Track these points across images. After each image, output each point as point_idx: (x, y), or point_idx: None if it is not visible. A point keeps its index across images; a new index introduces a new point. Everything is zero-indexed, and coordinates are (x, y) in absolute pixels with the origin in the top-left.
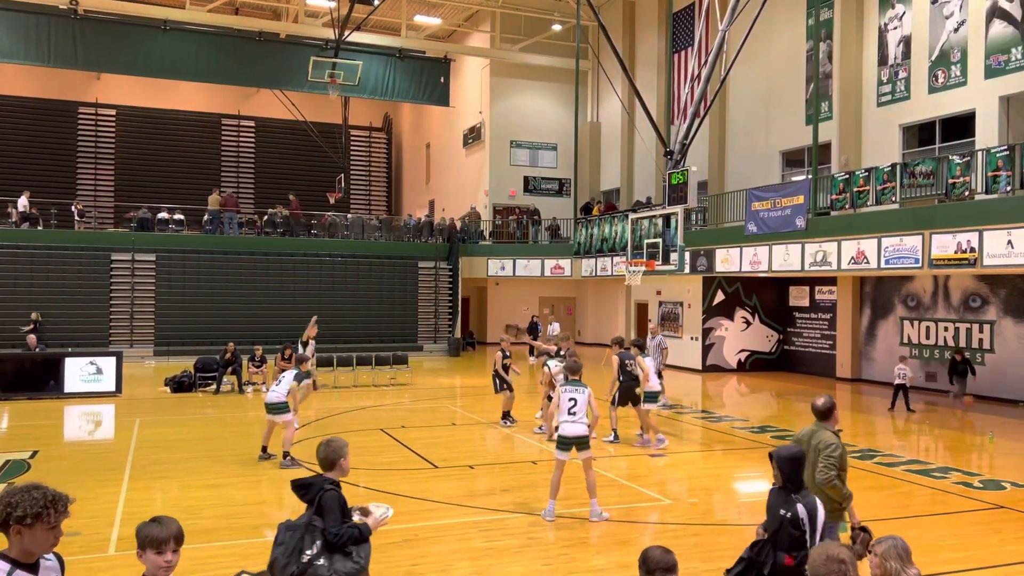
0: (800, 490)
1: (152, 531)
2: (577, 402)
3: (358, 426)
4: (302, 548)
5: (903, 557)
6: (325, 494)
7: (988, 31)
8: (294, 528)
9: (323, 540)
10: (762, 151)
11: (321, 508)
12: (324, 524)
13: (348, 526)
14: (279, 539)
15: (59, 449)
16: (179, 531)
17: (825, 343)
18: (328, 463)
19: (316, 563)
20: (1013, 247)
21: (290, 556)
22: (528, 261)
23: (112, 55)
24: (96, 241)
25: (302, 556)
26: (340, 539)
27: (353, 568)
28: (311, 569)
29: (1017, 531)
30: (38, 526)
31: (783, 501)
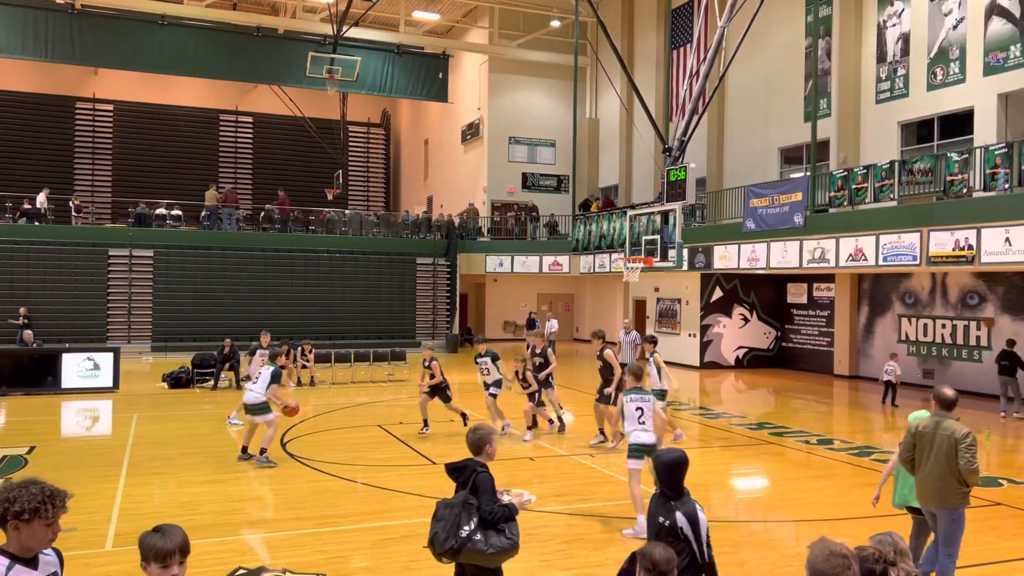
0: (680, 496)
1: (156, 543)
2: (644, 411)
3: (356, 422)
4: (460, 524)
5: (897, 553)
6: (479, 476)
7: (987, 28)
8: (451, 506)
9: (478, 517)
10: (760, 148)
11: (476, 488)
12: (479, 503)
13: (500, 505)
14: (438, 515)
15: (56, 445)
16: (184, 542)
17: (823, 340)
18: (476, 448)
19: (474, 538)
20: (1011, 244)
21: (449, 531)
22: (526, 257)
23: (109, 50)
24: (94, 237)
25: (460, 531)
26: (494, 516)
27: (507, 543)
28: (469, 543)
29: (1014, 527)
30: (35, 522)
31: (662, 508)
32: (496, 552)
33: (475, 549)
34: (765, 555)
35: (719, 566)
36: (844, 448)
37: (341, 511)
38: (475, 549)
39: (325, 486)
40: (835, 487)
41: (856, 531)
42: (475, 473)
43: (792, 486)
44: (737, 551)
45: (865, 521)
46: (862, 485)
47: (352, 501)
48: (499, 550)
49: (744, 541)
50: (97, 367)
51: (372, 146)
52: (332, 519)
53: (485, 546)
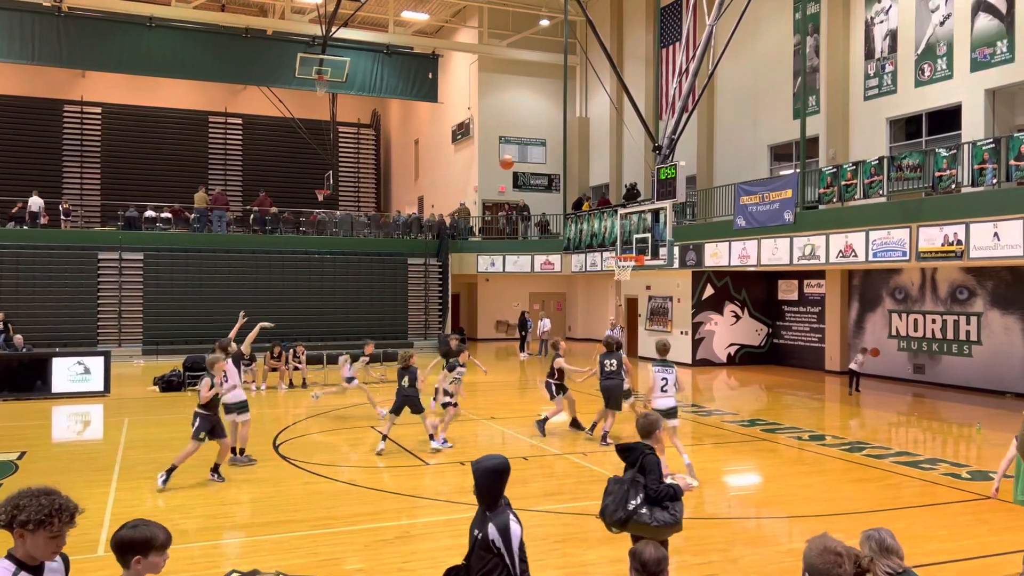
0: (496, 507)
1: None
2: (668, 380)
3: (348, 423)
4: (627, 499)
5: (878, 550)
6: (647, 457)
7: (974, 24)
8: (621, 482)
9: (644, 494)
10: (750, 145)
11: (644, 468)
12: (646, 481)
13: (666, 484)
14: (609, 490)
15: (47, 450)
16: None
17: (814, 336)
18: (646, 432)
19: (640, 511)
20: (999, 239)
21: (618, 504)
22: (518, 257)
23: (97, 52)
24: (83, 240)
25: (628, 505)
26: (660, 494)
27: (670, 519)
28: (635, 516)
29: (1004, 521)
30: (40, 532)
31: (477, 520)
32: (660, 526)
33: (640, 521)
34: (758, 551)
35: (712, 563)
36: (836, 444)
37: (334, 513)
38: (640, 521)
39: (318, 488)
40: (827, 483)
41: (848, 527)
42: (643, 455)
43: (784, 482)
44: (730, 548)
45: (857, 517)
46: (854, 480)
47: (345, 503)
48: (662, 524)
49: (737, 538)
50: (88, 371)
51: (362, 147)
52: (325, 521)
53: (650, 519)
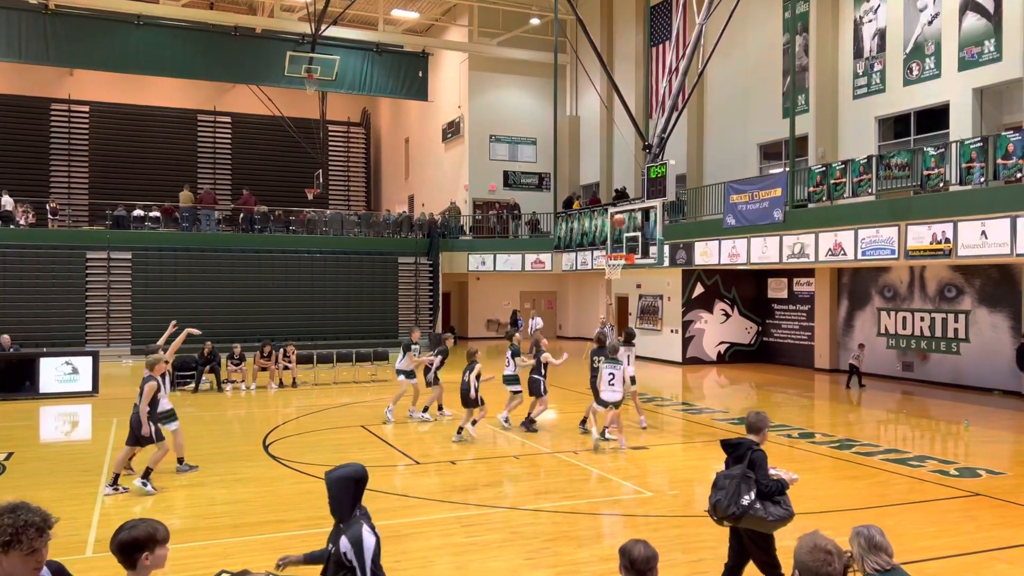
0: (349, 518)
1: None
2: (615, 376)
3: (339, 423)
4: (740, 494)
5: (866, 546)
6: (755, 453)
7: (961, 24)
8: (730, 477)
9: (756, 489)
10: (740, 144)
11: (753, 464)
12: (757, 476)
13: (775, 479)
14: (719, 484)
15: (35, 450)
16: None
17: (804, 334)
18: (755, 429)
19: (755, 507)
20: (987, 237)
21: (730, 499)
22: (508, 256)
23: (85, 51)
24: (71, 239)
25: (741, 500)
26: (770, 490)
27: (784, 513)
28: (751, 511)
29: (993, 518)
30: (13, 553)
31: (333, 532)
32: (775, 520)
33: (756, 516)
34: None
35: (702, 561)
36: (825, 442)
37: (325, 513)
38: (756, 516)
39: (309, 488)
40: (816, 481)
41: (838, 524)
42: (750, 450)
43: None
44: (719, 546)
45: (847, 514)
46: (843, 478)
47: None
48: (778, 518)
49: (726, 536)
50: (76, 371)
51: (352, 145)
52: (316, 521)
53: (765, 514)
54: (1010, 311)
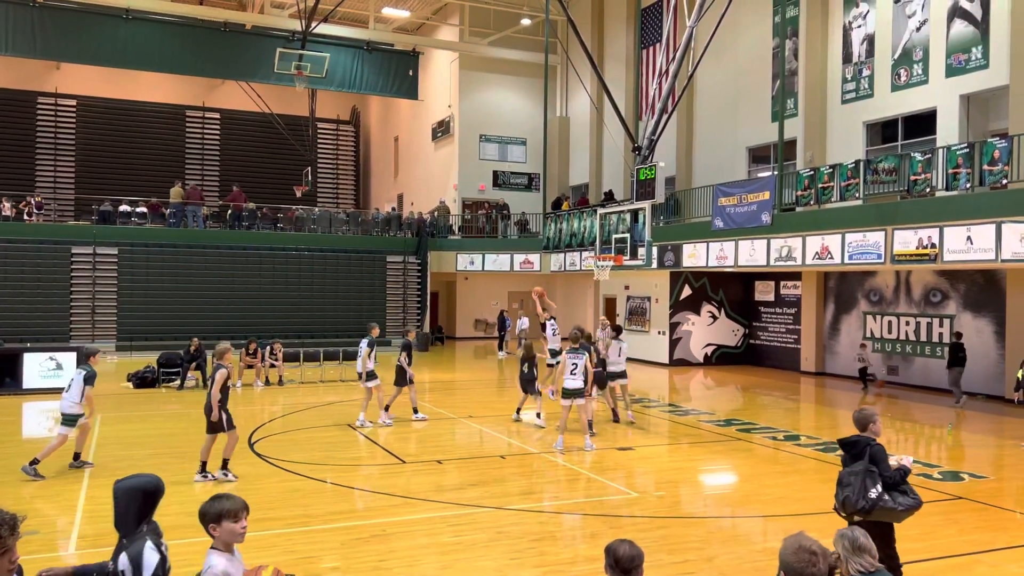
0: (131, 534)
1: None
2: (577, 365)
3: (325, 421)
4: (866, 488)
5: (850, 548)
6: (874, 448)
7: (949, 30)
8: (855, 474)
9: (882, 482)
10: (729, 147)
11: (874, 458)
12: (880, 469)
13: (896, 470)
14: (844, 482)
15: (18, 447)
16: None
17: (790, 337)
18: (863, 425)
19: (883, 499)
20: (972, 243)
21: (859, 495)
22: (497, 256)
23: (72, 44)
24: (56, 234)
25: (869, 494)
26: (895, 479)
27: (912, 502)
28: (880, 503)
29: (975, 521)
30: None
31: (116, 547)
32: (905, 509)
33: (886, 508)
34: (733, 550)
35: (688, 562)
36: (810, 444)
37: (311, 511)
38: (886, 508)
39: (294, 486)
40: (802, 482)
41: (822, 526)
42: (868, 446)
43: (759, 482)
44: (705, 547)
45: (832, 516)
46: (828, 480)
47: (322, 501)
48: (908, 507)
49: (712, 537)
50: (60, 367)
51: (341, 143)
52: (302, 519)
53: (895, 504)
54: (994, 316)
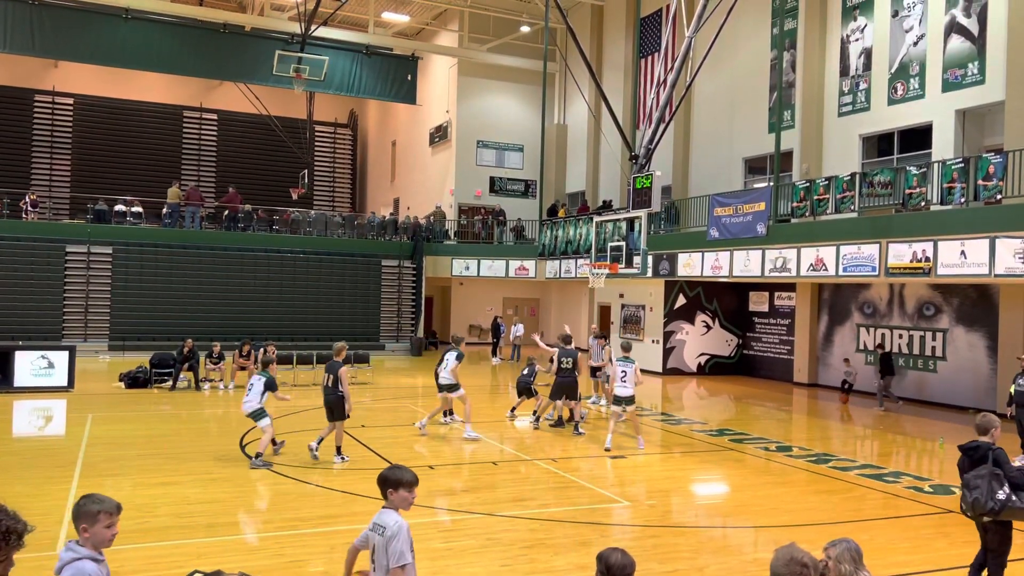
0: None
1: (403, 475)
2: (627, 372)
3: (318, 424)
4: (994, 491)
5: (856, 560)
6: (996, 452)
7: (946, 46)
8: (980, 476)
9: (1009, 483)
10: (725, 157)
11: (997, 461)
12: (1004, 471)
13: (1017, 469)
14: (971, 484)
15: (7, 445)
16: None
17: (783, 348)
18: (984, 430)
19: (1012, 499)
20: (966, 257)
21: (987, 496)
22: (493, 261)
23: (71, 43)
24: (50, 232)
25: (997, 495)
26: (1020, 481)
27: None
28: (1009, 504)
29: (965, 535)
30: None
31: None
32: None
33: (1015, 508)
34: (724, 560)
35: (678, 572)
36: (802, 455)
37: (300, 515)
38: (1015, 508)
39: (285, 489)
40: (793, 493)
41: (813, 537)
42: (991, 450)
43: (751, 492)
44: (696, 556)
45: (823, 528)
46: (819, 492)
47: (311, 505)
48: None
49: (703, 547)
50: (52, 365)
51: (338, 146)
52: (291, 523)
53: (1023, 504)
54: (987, 331)
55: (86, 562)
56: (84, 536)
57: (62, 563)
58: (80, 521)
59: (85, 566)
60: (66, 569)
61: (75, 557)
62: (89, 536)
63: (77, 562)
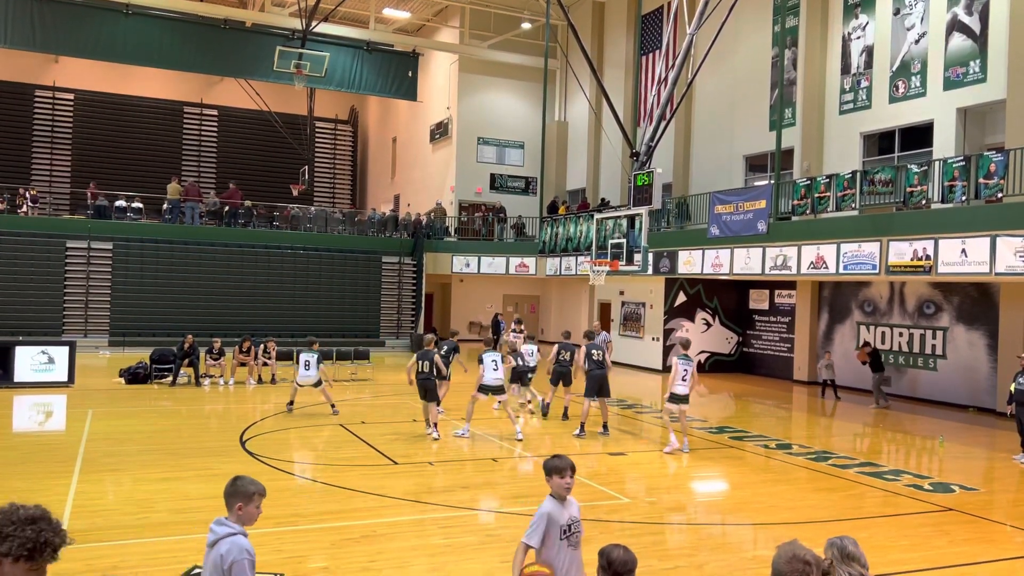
0: None
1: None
2: (688, 371)
3: (318, 421)
4: None
5: (837, 558)
6: None
7: (948, 44)
8: None
9: None
10: (726, 155)
11: None
12: None
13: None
14: None
15: (7, 440)
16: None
17: (783, 346)
18: None
19: None
20: (967, 256)
21: None
22: (493, 258)
23: (72, 38)
24: (51, 228)
25: None
26: None
27: None
28: None
29: (964, 533)
30: (19, 565)
31: None
32: None
33: None
34: (723, 558)
35: (678, 569)
36: (802, 453)
37: (300, 510)
38: None
39: (284, 485)
40: (793, 491)
41: (813, 535)
42: None
43: (751, 490)
44: (696, 554)
45: (822, 525)
46: (819, 489)
47: (312, 500)
48: None
49: (703, 544)
50: (52, 361)
51: (339, 143)
52: (291, 518)
53: None
54: (987, 329)
55: (240, 536)
56: (237, 513)
57: (216, 536)
58: (236, 499)
59: (241, 540)
60: (223, 542)
61: (231, 532)
62: (242, 514)
63: (234, 536)
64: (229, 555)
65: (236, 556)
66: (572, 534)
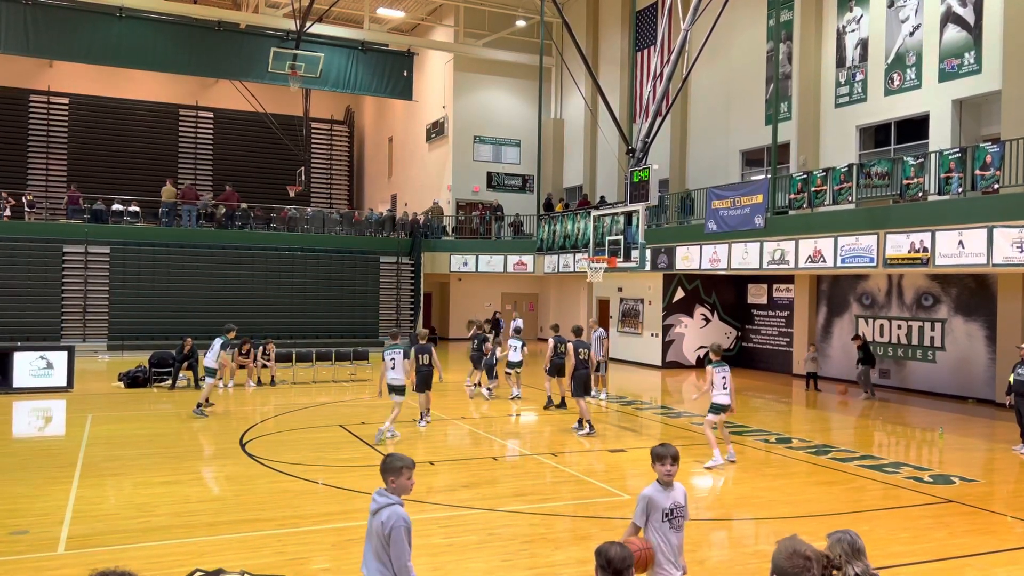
0: None
1: (659, 451)
2: (726, 379)
3: (317, 422)
4: None
5: (848, 553)
6: None
7: (942, 35)
8: None
9: None
10: (722, 150)
11: None
12: None
13: None
14: None
15: (7, 446)
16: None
17: (782, 340)
18: None
19: None
20: (964, 247)
21: None
22: (491, 257)
23: (66, 42)
24: (47, 233)
25: None
26: None
27: None
28: None
29: (965, 524)
30: None
31: None
32: None
33: None
34: (724, 552)
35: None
36: (802, 447)
37: (301, 512)
38: None
39: (285, 487)
40: (793, 485)
41: (814, 529)
42: None
43: (751, 484)
44: (697, 549)
45: (823, 519)
46: (819, 483)
47: (312, 502)
48: None
49: (704, 539)
50: (50, 366)
51: (335, 143)
52: (292, 520)
53: None
54: (985, 320)
55: (397, 506)
56: (392, 486)
57: (378, 505)
58: (389, 474)
59: (399, 509)
60: (384, 511)
61: (389, 502)
62: (395, 486)
63: (392, 506)
64: (389, 522)
65: (395, 523)
66: (675, 518)
